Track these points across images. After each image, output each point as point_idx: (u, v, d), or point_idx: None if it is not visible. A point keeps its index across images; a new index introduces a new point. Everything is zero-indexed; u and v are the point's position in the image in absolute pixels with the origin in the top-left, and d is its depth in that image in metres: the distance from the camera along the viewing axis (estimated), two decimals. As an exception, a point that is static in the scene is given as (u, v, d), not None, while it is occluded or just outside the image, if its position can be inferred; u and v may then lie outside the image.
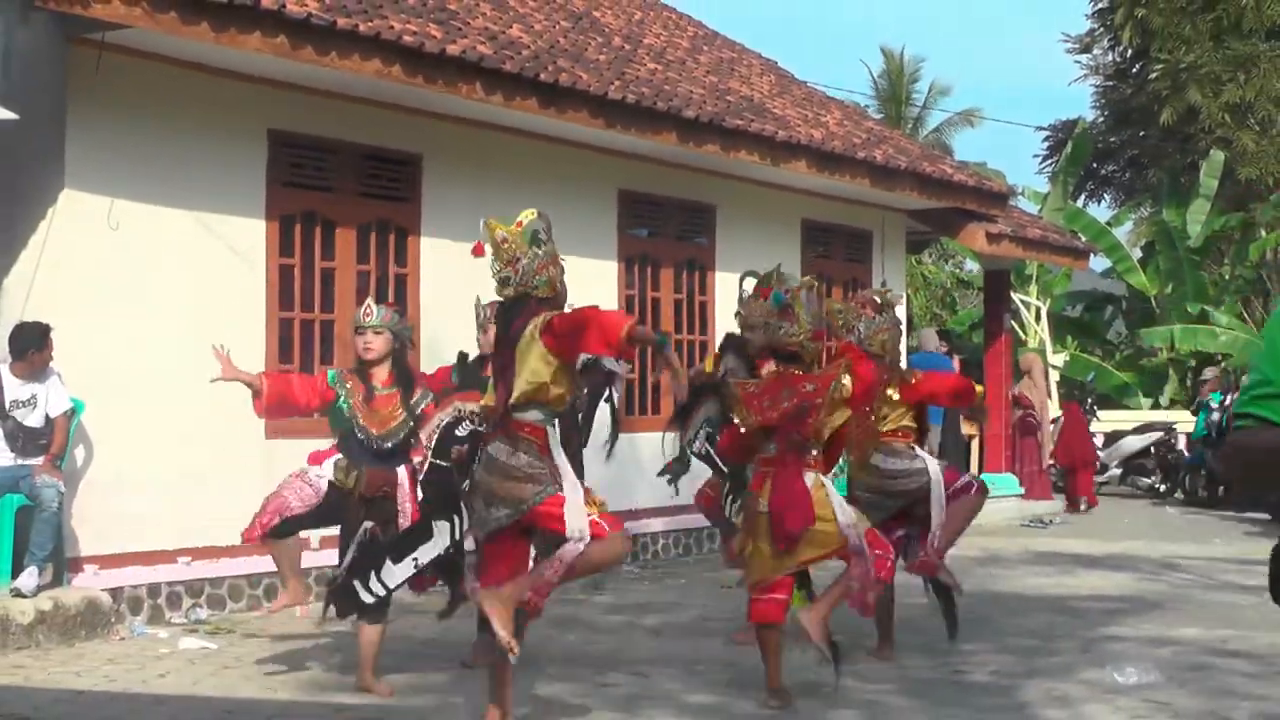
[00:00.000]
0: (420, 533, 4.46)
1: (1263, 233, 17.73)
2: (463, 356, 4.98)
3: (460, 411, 4.54)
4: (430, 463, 4.50)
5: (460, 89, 6.63)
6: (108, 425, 5.87)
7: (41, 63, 5.73)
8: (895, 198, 10.13)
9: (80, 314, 5.81)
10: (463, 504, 4.31)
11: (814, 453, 4.52)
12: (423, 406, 4.58)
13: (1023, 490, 11.94)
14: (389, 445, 4.51)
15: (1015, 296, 15.84)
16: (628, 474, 6.45)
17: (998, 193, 11.33)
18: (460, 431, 4.49)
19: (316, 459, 4.58)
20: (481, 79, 6.70)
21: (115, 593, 5.79)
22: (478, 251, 3.95)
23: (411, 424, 4.54)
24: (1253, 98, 18.43)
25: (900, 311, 10.96)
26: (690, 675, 4.94)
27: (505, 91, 6.83)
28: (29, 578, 5.40)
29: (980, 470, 12.41)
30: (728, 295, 9.35)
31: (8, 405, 5.62)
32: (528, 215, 3.92)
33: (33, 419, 5.64)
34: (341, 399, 4.51)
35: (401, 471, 4.54)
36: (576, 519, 3.73)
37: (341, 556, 4.56)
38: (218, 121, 6.30)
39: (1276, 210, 17.71)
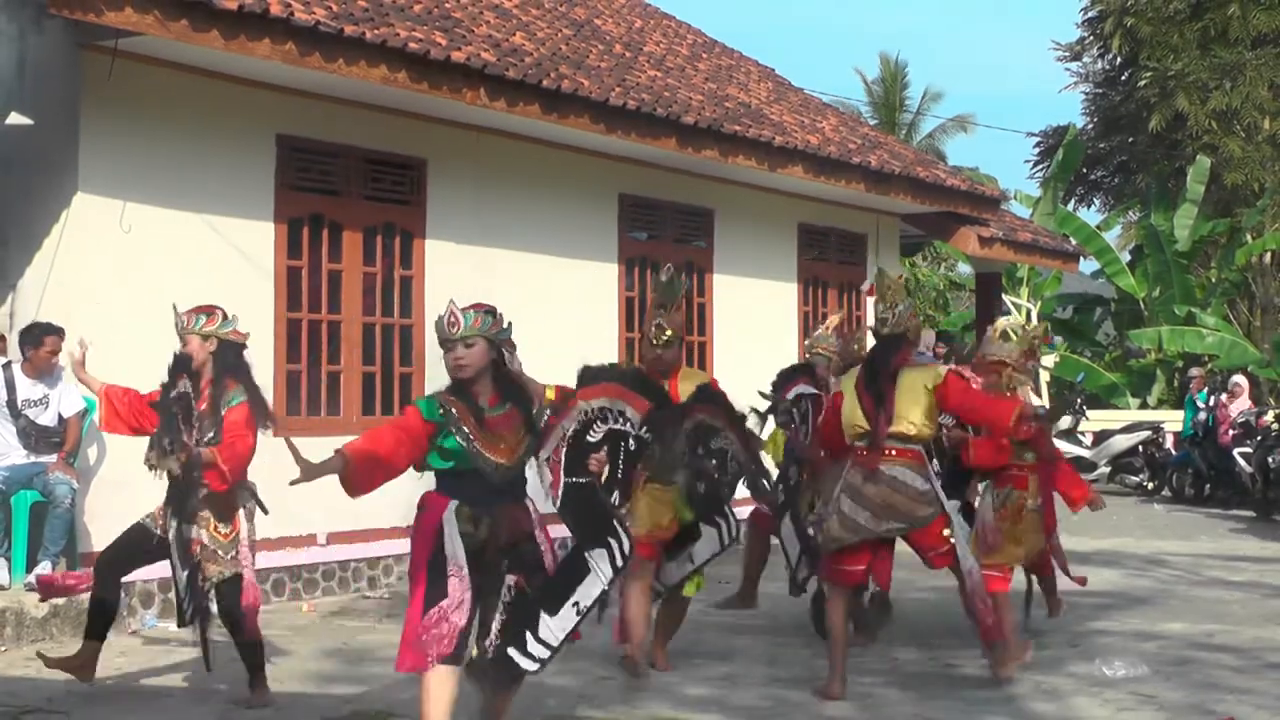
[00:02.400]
0: (574, 570, 3.57)
1: (1249, 237, 17.96)
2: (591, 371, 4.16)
3: (588, 413, 3.71)
4: (565, 483, 3.62)
5: (464, 95, 6.75)
6: (120, 424, 5.97)
7: (55, 69, 5.83)
8: (889, 202, 10.28)
9: (93, 315, 5.91)
10: (617, 524, 3.61)
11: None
12: (544, 420, 3.72)
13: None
14: (515, 475, 3.58)
15: (1006, 299, 16.03)
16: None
17: (990, 197, 11.49)
18: (593, 436, 3.70)
19: (429, 530, 3.47)
20: (485, 85, 6.82)
21: (127, 587, 5.86)
22: (870, 292, 4.72)
23: (533, 446, 3.65)
24: (1239, 105, 18.68)
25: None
26: (688, 668, 5.04)
27: (508, 97, 6.95)
28: (43, 572, 5.50)
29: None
30: (726, 297, 9.52)
31: (20, 404, 5.73)
32: (894, 275, 4.63)
33: (45, 417, 5.75)
34: (449, 433, 3.48)
35: (533, 506, 3.64)
36: (963, 546, 4.68)
37: (483, 627, 3.53)
38: (227, 126, 6.41)
39: (1262, 215, 17.95)
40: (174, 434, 4.28)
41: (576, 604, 3.54)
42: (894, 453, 4.59)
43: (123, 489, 5.95)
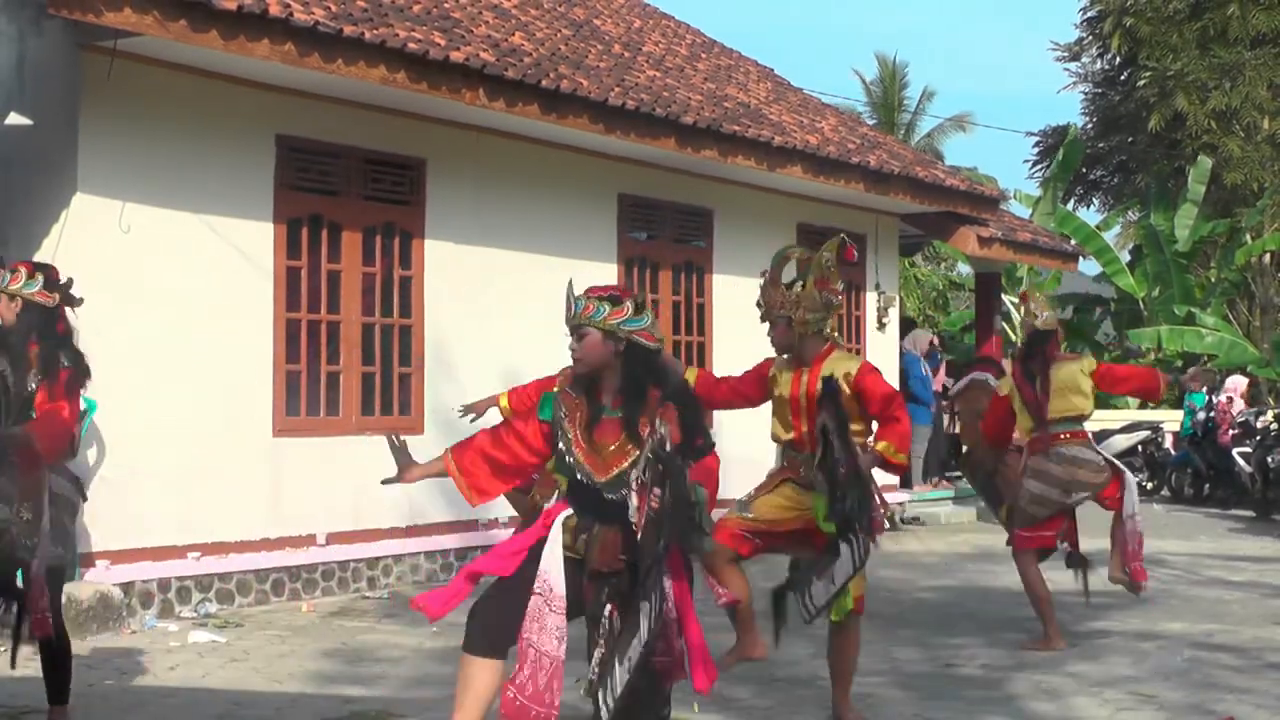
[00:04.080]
0: (633, 620, 3.05)
1: (1248, 238, 17.97)
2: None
3: (655, 437, 3.06)
4: (647, 517, 3.01)
5: (463, 95, 6.75)
6: (119, 424, 5.96)
7: (54, 69, 5.83)
8: (889, 202, 10.29)
9: (92, 315, 5.90)
10: (662, 577, 3.04)
11: None
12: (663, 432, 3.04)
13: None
14: (620, 493, 3.04)
15: (1006, 299, 16.04)
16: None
17: (989, 197, 11.50)
18: (661, 465, 3.04)
19: (536, 530, 3.10)
20: (484, 85, 6.82)
21: (126, 587, 5.90)
22: (1022, 299, 5.85)
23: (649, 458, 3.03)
24: (1238, 104, 18.69)
25: (893, 313, 11.25)
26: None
27: (507, 98, 6.95)
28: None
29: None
30: (725, 297, 9.50)
31: (19, 404, 5.71)
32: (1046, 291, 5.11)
33: (45, 418, 5.74)
34: (559, 436, 3.09)
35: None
36: (1131, 497, 5.64)
37: (590, 649, 3.09)
38: (226, 127, 6.41)
39: (1262, 215, 17.96)
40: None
41: (629, 660, 3.04)
42: (1066, 435, 5.57)
43: (122, 489, 5.96)
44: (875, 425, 4.22)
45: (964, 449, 6.62)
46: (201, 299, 6.30)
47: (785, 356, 4.34)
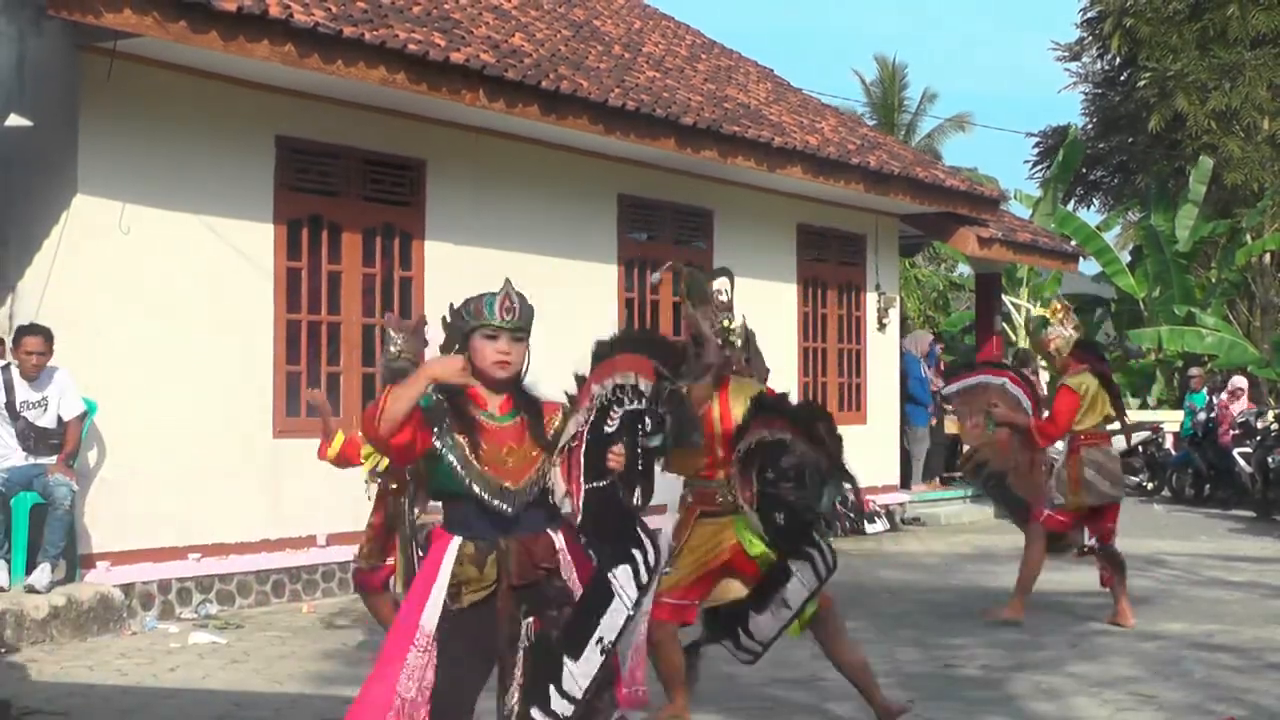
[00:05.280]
0: (596, 599, 2.78)
1: (1248, 238, 17.97)
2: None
3: (603, 398, 2.76)
4: (586, 489, 2.76)
5: (463, 96, 6.75)
6: (120, 425, 5.98)
7: (54, 70, 5.83)
8: (888, 202, 10.29)
9: (92, 316, 5.92)
10: (641, 530, 2.82)
11: None
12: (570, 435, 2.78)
13: (1013, 490, 12.10)
14: (530, 500, 2.79)
15: (1006, 299, 16.04)
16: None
17: (988, 197, 11.50)
18: (610, 426, 2.77)
19: (427, 579, 2.80)
20: (484, 86, 6.82)
21: (127, 588, 5.90)
22: (1065, 311, 6.29)
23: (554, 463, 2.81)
24: (1238, 105, 18.70)
25: (894, 314, 11.25)
26: (688, 670, 5.04)
27: (507, 99, 6.96)
28: (42, 574, 5.51)
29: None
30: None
31: (18, 406, 5.72)
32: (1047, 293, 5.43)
33: (44, 420, 5.75)
34: (445, 446, 2.75)
35: (555, 535, 2.84)
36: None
37: (503, 683, 2.80)
38: (226, 128, 6.41)
39: (1262, 216, 17.96)
40: None
41: (600, 640, 2.75)
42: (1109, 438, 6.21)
43: (122, 490, 5.97)
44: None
45: (964, 449, 6.75)
46: (201, 300, 6.30)
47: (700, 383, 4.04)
